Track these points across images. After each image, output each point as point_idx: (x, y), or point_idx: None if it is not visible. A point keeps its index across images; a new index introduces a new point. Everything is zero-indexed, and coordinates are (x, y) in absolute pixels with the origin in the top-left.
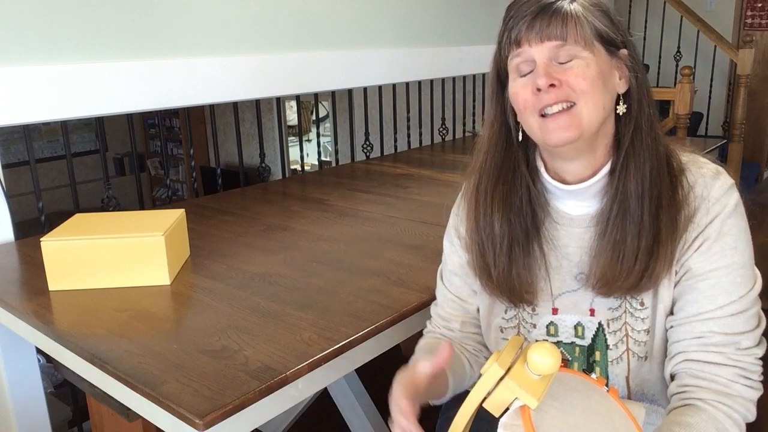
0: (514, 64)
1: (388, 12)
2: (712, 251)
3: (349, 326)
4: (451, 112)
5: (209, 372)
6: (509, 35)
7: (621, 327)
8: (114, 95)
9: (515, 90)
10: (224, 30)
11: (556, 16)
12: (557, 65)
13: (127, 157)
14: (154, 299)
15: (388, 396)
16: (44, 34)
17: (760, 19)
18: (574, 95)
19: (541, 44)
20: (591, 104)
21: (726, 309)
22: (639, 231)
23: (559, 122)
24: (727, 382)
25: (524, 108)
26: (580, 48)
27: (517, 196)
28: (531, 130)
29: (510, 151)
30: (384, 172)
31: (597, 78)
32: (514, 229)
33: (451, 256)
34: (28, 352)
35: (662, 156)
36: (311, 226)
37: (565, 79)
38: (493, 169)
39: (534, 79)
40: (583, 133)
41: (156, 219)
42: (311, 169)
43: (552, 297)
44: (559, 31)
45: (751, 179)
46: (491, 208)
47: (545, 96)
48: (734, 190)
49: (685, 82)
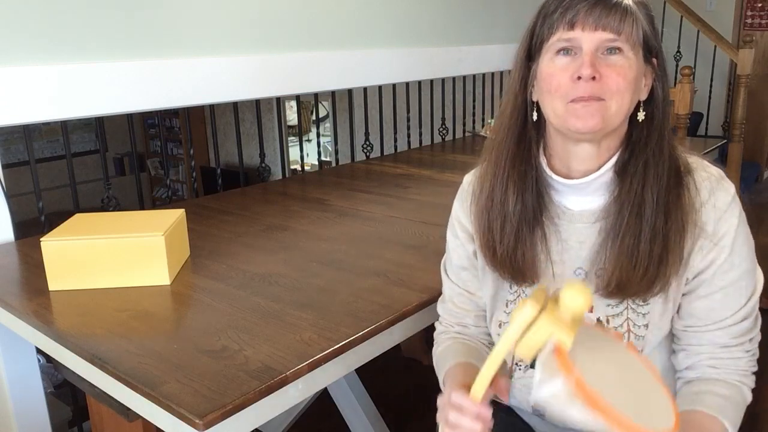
0: (557, 45)
1: (388, 12)
2: (726, 265)
3: (349, 326)
4: (451, 112)
5: (209, 372)
6: (564, 14)
7: (623, 323)
8: (114, 95)
9: (551, 71)
10: (224, 30)
11: (616, 8)
12: (601, 56)
13: (127, 157)
14: (154, 299)
15: (387, 396)
16: (44, 34)
17: (760, 19)
18: (608, 93)
19: (594, 32)
20: (619, 104)
21: (739, 313)
22: (652, 237)
23: (588, 109)
24: (746, 366)
25: (555, 91)
26: (629, 47)
27: (530, 175)
28: (553, 113)
29: (525, 128)
30: (384, 172)
31: (633, 81)
32: (526, 208)
33: (456, 249)
34: (28, 352)
35: (674, 162)
36: (311, 226)
37: (607, 74)
38: (512, 146)
39: (576, 66)
40: (605, 126)
41: (156, 219)
42: (311, 169)
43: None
44: (616, 24)
45: (751, 179)
46: (506, 184)
47: (582, 86)
48: (737, 197)
49: (685, 82)
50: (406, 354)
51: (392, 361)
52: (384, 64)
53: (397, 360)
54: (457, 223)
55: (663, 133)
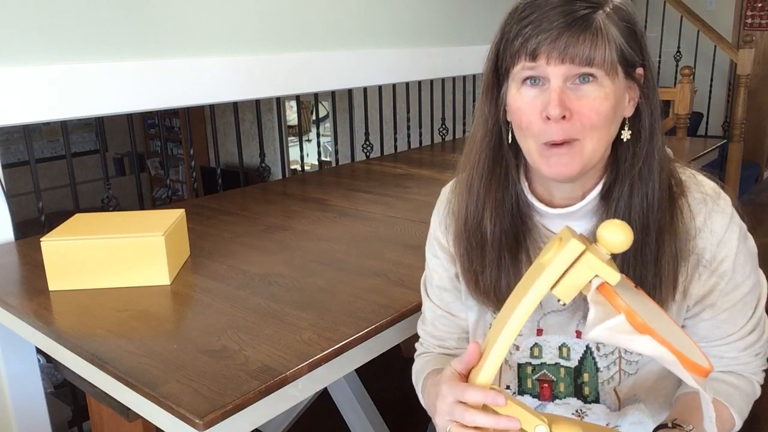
0: (522, 75)
1: (388, 12)
2: (728, 288)
3: (349, 326)
4: (451, 112)
5: (209, 372)
6: (525, 44)
7: (613, 350)
8: (114, 95)
9: (519, 104)
10: (224, 30)
11: (585, 33)
12: (571, 87)
13: (127, 157)
14: (154, 299)
15: (388, 396)
16: (45, 34)
17: (760, 19)
18: (582, 132)
19: (561, 65)
20: (596, 141)
21: (746, 328)
22: (642, 263)
23: (561, 158)
24: (756, 368)
25: (527, 128)
26: (603, 73)
27: (508, 200)
28: (528, 152)
29: (501, 151)
30: (384, 172)
31: (610, 111)
32: (506, 234)
33: (436, 269)
34: (28, 352)
35: (666, 182)
36: (311, 226)
37: (578, 110)
38: (486, 171)
39: (544, 102)
40: (583, 168)
41: (156, 219)
42: (311, 169)
43: (537, 317)
44: (586, 53)
45: (751, 179)
46: (482, 212)
47: (553, 128)
48: (735, 213)
49: (685, 82)
50: (406, 354)
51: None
52: (384, 64)
53: (397, 360)
54: (436, 243)
55: (652, 151)
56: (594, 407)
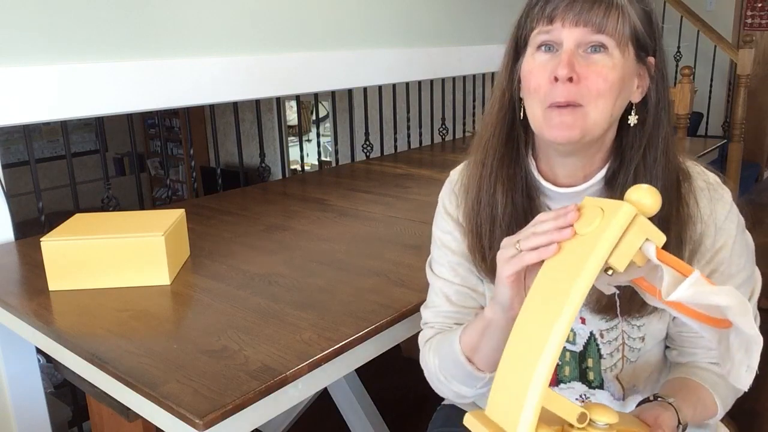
0: (538, 39)
1: (388, 12)
2: (723, 277)
3: (349, 326)
4: (451, 112)
5: (209, 372)
6: (543, 8)
7: (617, 337)
8: (114, 95)
9: (531, 67)
10: (224, 30)
11: (602, 2)
12: (582, 54)
13: (127, 157)
14: (154, 299)
15: (388, 396)
16: (45, 34)
17: (760, 19)
18: (587, 97)
19: (574, 27)
20: (600, 110)
21: None
22: None
23: (564, 118)
24: None
25: (534, 92)
26: (614, 44)
27: (519, 176)
28: (533, 117)
29: (514, 127)
30: (384, 172)
31: (616, 83)
32: (516, 210)
33: (449, 245)
34: (28, 352)
35: (673, 172)
36: (311, 226)
37: (585, 75)
38: (499, 145)
39: (554, 65)
40: (585, 135)
41: (156, 219)
42: (311, 169)
43: None
44: (598, 19)
45: (751, 179)
46: (495, 186)
47: (559, 89)
48: (734, 205)
49: (685, 82)
50: (406, 354)
51: (392, 361)
52: (384, 64)
53: (397, 360)
54: (448, 217)
55: (657, 139)
56: (598, 393)
